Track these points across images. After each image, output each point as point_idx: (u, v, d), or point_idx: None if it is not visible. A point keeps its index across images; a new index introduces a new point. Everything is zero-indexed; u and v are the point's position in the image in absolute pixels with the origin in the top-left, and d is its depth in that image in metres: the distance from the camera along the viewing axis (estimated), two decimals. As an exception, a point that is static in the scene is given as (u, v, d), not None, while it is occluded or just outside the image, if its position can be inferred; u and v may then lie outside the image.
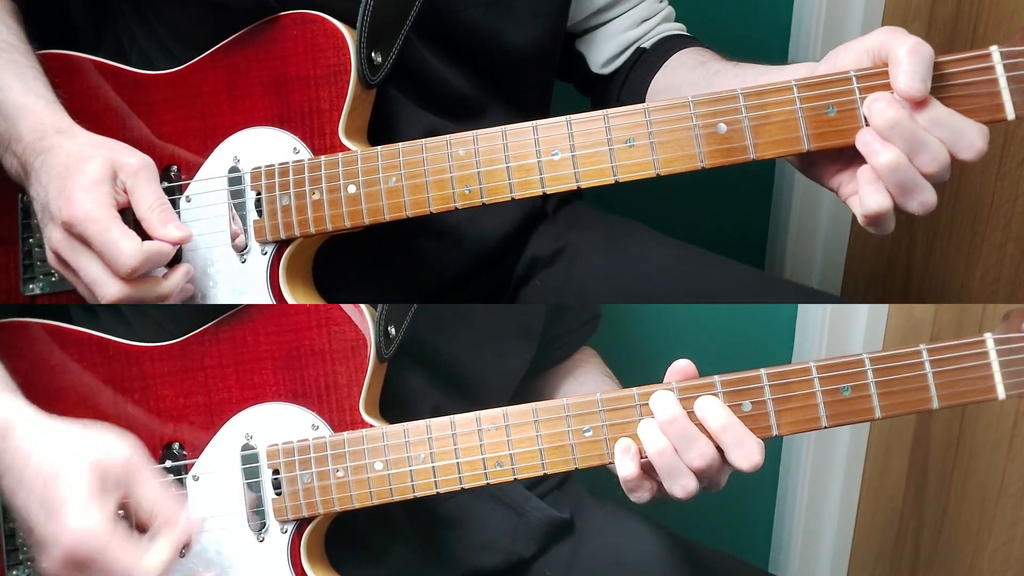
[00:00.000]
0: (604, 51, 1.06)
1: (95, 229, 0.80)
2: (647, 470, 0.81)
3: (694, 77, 0.98)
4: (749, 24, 1.49)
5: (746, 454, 0.79)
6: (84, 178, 0.80)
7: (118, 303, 0.81)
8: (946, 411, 0.77)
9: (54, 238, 0.82)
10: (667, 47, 1.04)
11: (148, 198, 0.83)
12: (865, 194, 0.77)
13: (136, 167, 0.83)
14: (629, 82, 1.05)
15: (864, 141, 0.77)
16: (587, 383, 1.07)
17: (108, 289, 0.81)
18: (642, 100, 1.03)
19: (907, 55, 0.75)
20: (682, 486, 0.80)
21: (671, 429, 0.79)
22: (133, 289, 0.81)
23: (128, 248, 0.79)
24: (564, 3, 1.01)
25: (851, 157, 0.80)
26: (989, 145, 0.77)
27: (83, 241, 0.80)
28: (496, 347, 0.99)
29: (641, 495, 0.82)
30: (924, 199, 0.77)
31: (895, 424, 1.57)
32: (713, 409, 0.80)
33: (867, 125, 0.78)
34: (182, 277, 0.85)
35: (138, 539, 0.75)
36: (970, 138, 0.76)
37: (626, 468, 0.80)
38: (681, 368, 0.82)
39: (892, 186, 0.76)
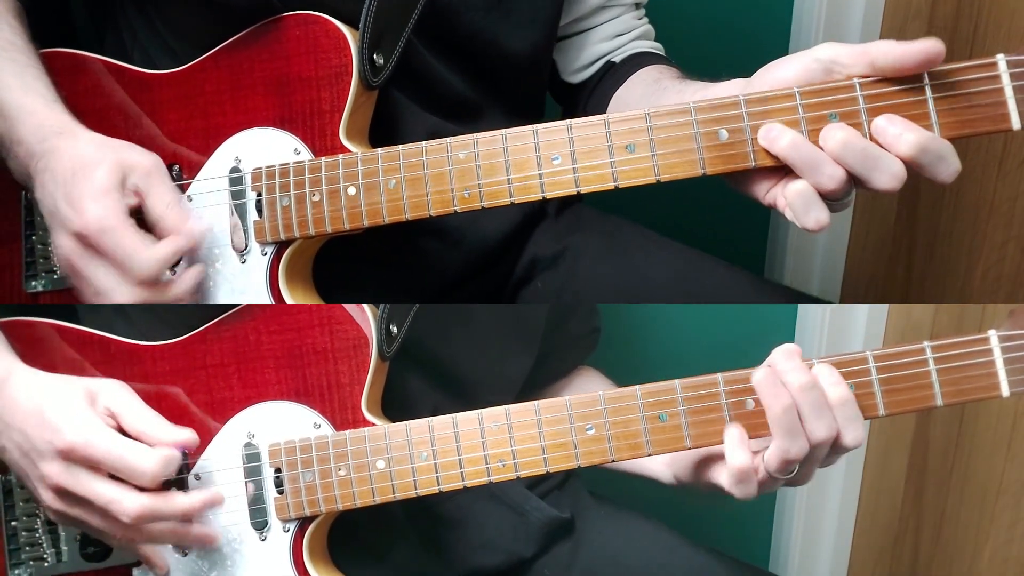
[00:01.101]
0: (575, 60, 1.07)
1: (109, 241, 0.79)
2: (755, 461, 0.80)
3: (647, 92, 0.98)
4: (749, 24, 1.49)
5: (854, 432, 0.79)
6: (92, 186, 0.79)
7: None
8: (945, 411, 0.77)
9: (66, 246, 0.80)
10: (635, 63, 1.04)
11: (163, 198, 0.82)
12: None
13: (149, 168, 0.82)
14: (595, 94, 1.05)
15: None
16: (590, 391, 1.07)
17: (119, 296, 0.80)
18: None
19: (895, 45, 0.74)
20: (800, 447, 0.78)
21: (806, 397, 0.78)
22: (145, 294, 0.80)
23: (145, 258, 0.79)
24: (559, 10, 1.01)
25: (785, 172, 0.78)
26: (990, 145, 0.77)
27: (96, 251, 0.79)
28: (498, 349, 0.99)
29: (750, 487, 0.80)
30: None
31: (895, 424, 1.57)
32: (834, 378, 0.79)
33: (869, 131, 0.76)
34: (193, 278, 0.84)
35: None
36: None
37: (740, 458, 0.79)
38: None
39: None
